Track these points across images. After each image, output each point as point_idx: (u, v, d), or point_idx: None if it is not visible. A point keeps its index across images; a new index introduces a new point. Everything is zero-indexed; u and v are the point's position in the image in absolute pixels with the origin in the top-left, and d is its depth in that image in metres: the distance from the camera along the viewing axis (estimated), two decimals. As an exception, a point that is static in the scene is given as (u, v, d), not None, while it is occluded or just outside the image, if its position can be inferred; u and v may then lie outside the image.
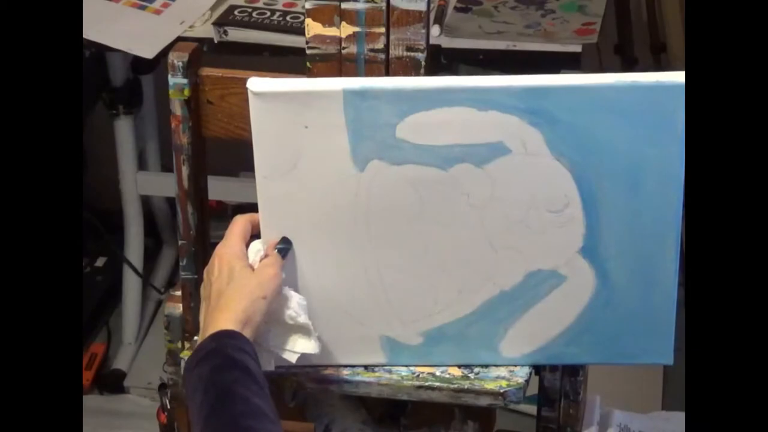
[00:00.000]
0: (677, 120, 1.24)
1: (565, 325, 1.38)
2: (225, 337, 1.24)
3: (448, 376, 1.42)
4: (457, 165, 1.29)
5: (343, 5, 1.34)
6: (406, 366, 1.43)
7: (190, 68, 1.39)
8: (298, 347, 1.34)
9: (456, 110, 1.26)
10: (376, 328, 1.40)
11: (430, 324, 1.39)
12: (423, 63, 1.34)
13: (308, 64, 1.37)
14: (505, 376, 1.42)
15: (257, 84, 1.27)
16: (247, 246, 1.35)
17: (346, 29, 1.34)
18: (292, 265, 1.35)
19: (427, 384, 1.42)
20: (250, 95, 1.27)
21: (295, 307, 1.33)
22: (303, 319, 1.32)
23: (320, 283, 1.36)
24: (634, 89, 1.24)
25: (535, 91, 1.25)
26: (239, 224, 1.35)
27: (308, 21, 1.35)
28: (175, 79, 1.40)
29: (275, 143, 1.30)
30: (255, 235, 1.36)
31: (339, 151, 1.29)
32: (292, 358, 1.34)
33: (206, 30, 2.19)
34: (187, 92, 1.40)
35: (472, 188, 1.30)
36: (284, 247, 1.33)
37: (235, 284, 1.29)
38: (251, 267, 1.31)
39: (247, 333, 1.26)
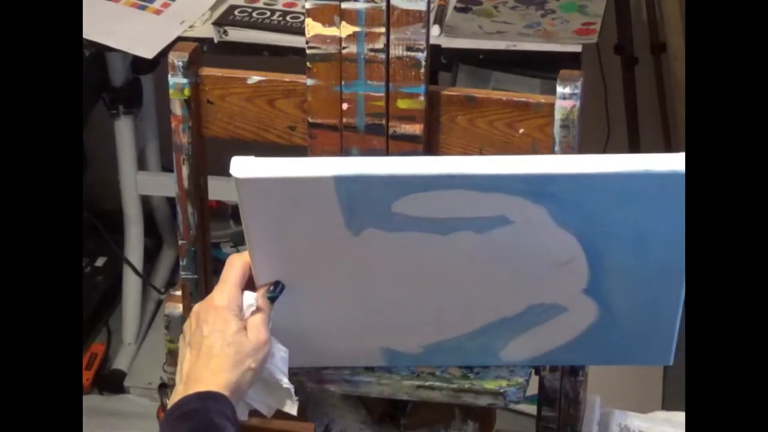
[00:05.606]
0: (678, 201, 1.19)
1: (566, 340, 1.37)
2: (210, 399, 1.23)
3: (447, 375, 1.42)
4: (457, 232, 1.25)
5: (343, 5, 1.34)
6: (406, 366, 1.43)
7: (190, 68, 1.39)
8: (277, 404, 1.33)
9: (455, 191, 1.21)
10: (375, 344, 1.39)
11: (430, 340, 1.38)
12: (423, 63, 1.34)
13: (308, 64, 1.37)
14: (505, 375, 1.42)
15: (241, 169, 1.18)
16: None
17: (346, 29, 1.34)
18: (283, 300, 1.31)
19: (427, 384, 1.42)
20: (234, 179, 1.19)
21: (279, 363, 1.31)
22: (286, 383, 1.31)
23: (314, 314, 1.34)
24: (636, 177, 1.19)
25: (539, 178, 1.20)
26: (236, 270, 1.31)
27: (308, 21, 1.35)
28: (175, 79, 1.39)
29: (263, 215, 1.24)
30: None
31: (331, 222, 1.23)
32: (269, 413, 1.33)
33: (206, 30, 2.19)
34: (187, 92, 1.40)
35: (473, 251, 1.27)
36: (274, 296, 1.30)
37: (230, 350, 1.26)
38: (244, 327, 1.28)
39: (233, 399, 1.25)
